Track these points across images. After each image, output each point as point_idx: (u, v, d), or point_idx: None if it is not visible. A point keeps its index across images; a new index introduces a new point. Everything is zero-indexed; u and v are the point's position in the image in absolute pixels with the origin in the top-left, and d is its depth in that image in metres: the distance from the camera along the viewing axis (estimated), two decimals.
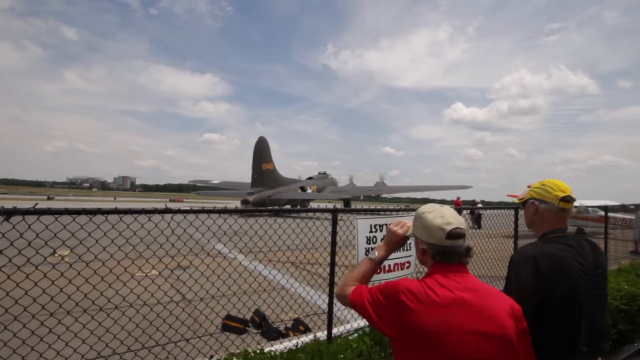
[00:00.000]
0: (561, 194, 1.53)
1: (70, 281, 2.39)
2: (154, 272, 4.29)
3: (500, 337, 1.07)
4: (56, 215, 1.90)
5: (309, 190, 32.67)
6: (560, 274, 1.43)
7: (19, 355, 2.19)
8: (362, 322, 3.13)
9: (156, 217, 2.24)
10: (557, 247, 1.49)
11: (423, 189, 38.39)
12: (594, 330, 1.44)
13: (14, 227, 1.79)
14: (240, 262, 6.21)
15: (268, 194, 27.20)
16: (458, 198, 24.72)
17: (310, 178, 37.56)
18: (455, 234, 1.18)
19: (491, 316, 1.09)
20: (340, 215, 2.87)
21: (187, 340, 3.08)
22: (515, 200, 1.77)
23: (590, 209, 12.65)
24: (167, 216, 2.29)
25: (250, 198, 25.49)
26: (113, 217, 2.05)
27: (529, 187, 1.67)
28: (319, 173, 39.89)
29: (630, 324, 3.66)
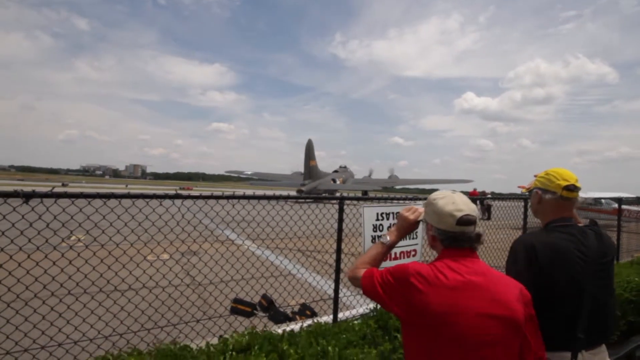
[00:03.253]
0: (564, 183, 1.52)
1: (86, 261, 2.49)
2: (165, 255, 4.43)
3: (508, 320, 1.08)
4: (72, 199, 1.97)
5: (338, 182, 39.20)
6: (559, 262, 1.44)
7: (39, 329, 2.32)
8: (367, 308, 3.18)
9: (167, 203, 2.30)
10: (558, 235, 1.50)
11: (426, 182, 42.38)
12: (596, 319, 1.44)
13: (32, 209, 1.87)
14: (248, 247, 6.34)
15: (314, 185, 34.79)
16: (475, 189, 25.32)
17: (336, 171, 43.64)
18: (466, 221, 1.17)
19: (500, 300, 1.10)
20: (346, 203, 2.89)
21: (198, 320, 3.19)
22: (523, 190, 1.77)
23: (603, 201, 12.35)
24: (178, 202, 2.35)
25: (304, 188, 32.98)
26: (126, 202, 2.11)
27: (535, 176, 1.67)
28: (340, 167, 45.39)
29: (639, 316, 3.62)
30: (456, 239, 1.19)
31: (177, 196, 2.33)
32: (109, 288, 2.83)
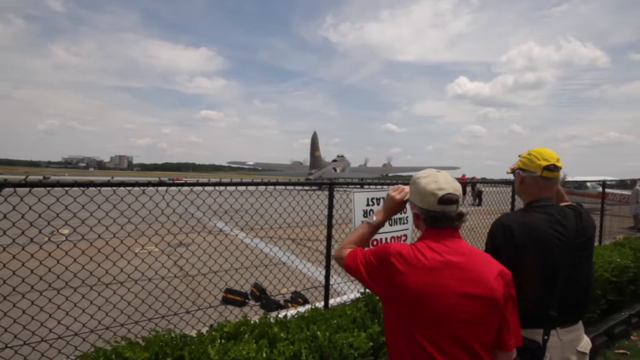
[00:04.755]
0: (544, 163, 1.51)
1: (66, 253, 2.40)
2: (152, 246, 4.34)
3: (487, 299, 1.09)
4: (48, 188, 1.86)
5: (338, 171, 41.63)
6: (534, 242, 1.45)
7: (39, 321, 2.25)
8: (358, 294, 3.20)
9: (150, 192, 2.22)
10: (535, 215, 1.51)
11: (418, 170, 44.76)
12: (570, 297, 1.47)
13: (5, 199, 1.76)
14: (236, 235, 6.30)
15: (319, 174, 37.45)
16: (463, 175, 26.10)
17: (334, 161, 46.03)
18: (447, 200, 1.16)
19: (479, 279, 1.10)
20: (337, 189, 2.86)
21: (188, 311, 3.16)
22: (508, 171, 1.78)
23: (589, 184, 12.70)
24: (162, 191, 2.26)
25: (312, 177, 35.48)
26: (107, 191, 2.02)
27: (519, 156, 1.66)
28: (338, 156, 47.66)
29: (619, 295, 3.77)
30: (437, 218, 1.19)
31: (160, 184, 2.24)
32: (91, 280, 2.75)
